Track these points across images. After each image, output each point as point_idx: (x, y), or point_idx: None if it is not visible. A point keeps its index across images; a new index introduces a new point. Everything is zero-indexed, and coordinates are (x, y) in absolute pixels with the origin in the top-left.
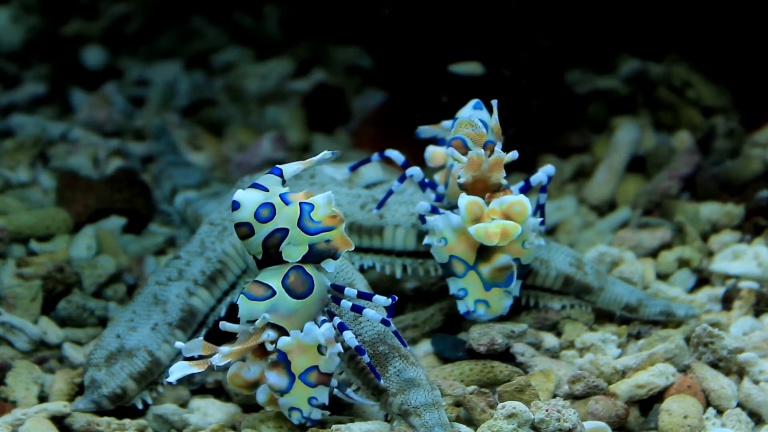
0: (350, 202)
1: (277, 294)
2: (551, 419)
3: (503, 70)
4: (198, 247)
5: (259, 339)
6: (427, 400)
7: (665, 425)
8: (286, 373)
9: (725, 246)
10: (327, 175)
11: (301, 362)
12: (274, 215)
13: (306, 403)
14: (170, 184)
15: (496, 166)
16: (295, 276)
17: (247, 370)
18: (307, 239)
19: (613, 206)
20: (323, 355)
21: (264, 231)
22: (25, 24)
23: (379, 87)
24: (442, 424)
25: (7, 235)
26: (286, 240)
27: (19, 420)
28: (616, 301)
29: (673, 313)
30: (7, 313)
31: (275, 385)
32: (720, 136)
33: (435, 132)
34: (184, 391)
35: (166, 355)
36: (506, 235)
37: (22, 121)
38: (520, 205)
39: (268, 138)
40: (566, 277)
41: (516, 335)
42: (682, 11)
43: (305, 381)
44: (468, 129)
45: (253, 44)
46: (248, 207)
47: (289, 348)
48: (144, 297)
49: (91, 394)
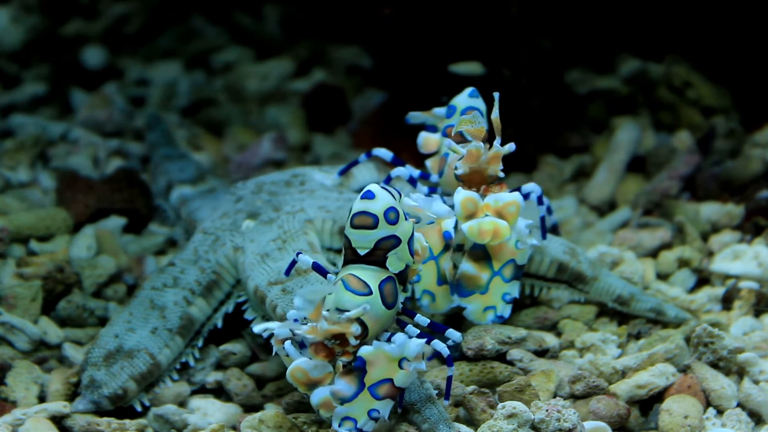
0: (340, 207)
1: (372, 294)
2: (551, 419)
3: (503, 70)
4: (192, 255)
5: (349, 329)
6: (421, 395)
7: (665, 425)
8: (356, 382)
9: (725, 246)
10: (317, 181)
11: (377, 373)
12: (397, 222)
13: (364, 415)
14: (165, 179)
15: (494, 159)
16: (390, 286)
17: (314, 368)
18: (408, 259)
19: (613, 206)
20: (402, 370)
21: (384, 231)
22: (25, 24)
23: (379, 87)
24: (444, 419)
25: (7, 235)
26: (394, 250)
27: (19, 420)
28: (608, 292)
29: (664, 312)
30: (7, 313)
31: (340, 392)
32: (720, 136)
33: (425, 118)
34: (184, 386)
35: (165, 359)
36: (497, 235)
37: (22, 121)
38: (514, 205)
39: (268, 138)
40: (560, 263)
41: (513, 341)
42: (682, 11)
43: (373, 393)
44: (468, 126)
45: (253, 44)
46: (382, 202)
47: (372, 357)
48: (140, 301)
49: (91, 394)
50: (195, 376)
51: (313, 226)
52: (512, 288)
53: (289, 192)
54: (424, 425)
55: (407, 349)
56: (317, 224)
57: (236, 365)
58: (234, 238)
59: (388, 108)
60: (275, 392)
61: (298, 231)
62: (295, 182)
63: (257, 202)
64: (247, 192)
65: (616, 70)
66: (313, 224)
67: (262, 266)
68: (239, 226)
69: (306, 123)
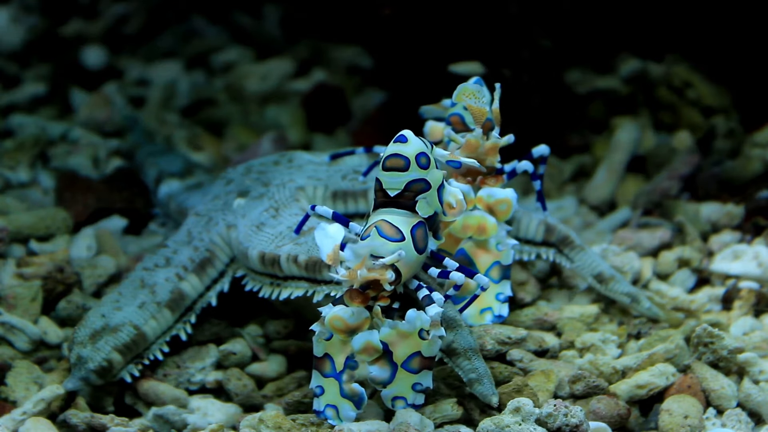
0: (330, 176)
1: (405, 240)
2: (558, 414)
3: (503, 69)
4: (185, 237)
5: (384, 276)
6: (470, 343)
7: (665, 425)
8: (388, 364)
9: (725, 246)
10: (305, 158)
11: (402, 350)
12: (428, 167)
13: (410, 390)
14: (156, 170)
15: (492, 150)
16: (421, 231)
17: (351, 315)
18: (437, 206)
19: (613, 206)
20: (425, 340)
21: (415, 174)
22: (25, 24)
23: (379, 87)
24: (489, 375)
25: (7, 235)
26: (424, 194)
27: (17, 420)
28: (590, 267)
29: (639, 301)
30: (7, 313)
31: (378, 378)
32: (720, 136)
33: (437, 112)
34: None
35: (151, 330)
36: (483, 231)
37: (22, 121)
38: (506, 203)
39: (268, 138)
40: (547, 225)
41: (513, 342)
42: (682, 11)
43: (408, 368)
44: (471, 100)
45: (253, 44)
46: (414, 146)
47: (391, 338)
48: (131, 281)
49: (78, 371)
50: (195, 376)
51: (305, 193)
52: (503, 287)
53: (277, 170)
54: (471, 374)
55: (421, 321)
56: (308, 191)
57: (236, 365)
58: (226, 216)
59: (388, 108)
60: (275, 392)
61: (289, 198)
62: (283, 161)
63: (247, 182)
64: (237, 175)
65: (616, 70)
66: (305, 191)
67: (260, 234)
68: (230, 205)
69: (306, 123)
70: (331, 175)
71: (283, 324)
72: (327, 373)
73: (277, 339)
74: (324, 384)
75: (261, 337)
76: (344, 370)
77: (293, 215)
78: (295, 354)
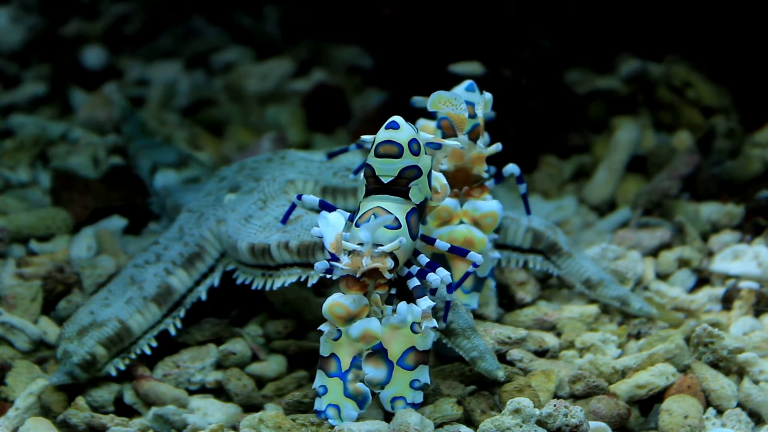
0: (322, 172)
1: (402, 228)
2: (558, 414)
3: (503, 70)
4: (176, 233)
5: (384, 263)
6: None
7: (665, 425)
8: (383, 362)
9: (725, 246)
10: (298, 156)
11: (397, 347)
12: (419, 154)
13: (408, 389)
14: (149, 161)
15: (478, 160)
16: (414, 218)
17: (352, 302)
18: (427, 192)
19: (613, 206)
20: (417, 333)
21: (408, 161)
22: (25, 24)
23: (379, 87)
24: (490, 350)
25: (7, 235)
26: (416, 181)
27: (12, 417)
28: (578, 273)
29: (629, 303)
30: (7, 313)
31: (375, 379)
32: (720, 136)
33: None
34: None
35: (137, 324)
36: (470, 245)
37: (22, 121)
38: (492, 217)
39: (268, 138)
40: (535, 232)
41: (513, 342)
42: (682, 11)
43: (404, 366)
44: (447, 107)
45: (253, 44)
46: (406, 133)
47: (384, 335)
48: (121, 279)
49: (63, 366)
50: (195, 376)
51: (294, 186)
52: (471, 299)
53: (270, 166)
54: (472, 353)
55: (412, 315)
56: (298, 185)
57: (236, 365)
58: (216, 211)
59: (388, 108)
60: (275, 392)
61: (278, 191)
62: (276, 158)
63: (239, 178)
64: (231, 172)
65: (616, 70)
66: (294, 185)
67: (248, 227)
68: (221, 201)
69: (306, 123)
70: (323, 171)
71: (283, 324)
72: (332, 372)
73: (277, 339)
74: (328, 384)
75: (261, 337)
76: (350, 369)
77: (280, 206)
78: (295, 354)
